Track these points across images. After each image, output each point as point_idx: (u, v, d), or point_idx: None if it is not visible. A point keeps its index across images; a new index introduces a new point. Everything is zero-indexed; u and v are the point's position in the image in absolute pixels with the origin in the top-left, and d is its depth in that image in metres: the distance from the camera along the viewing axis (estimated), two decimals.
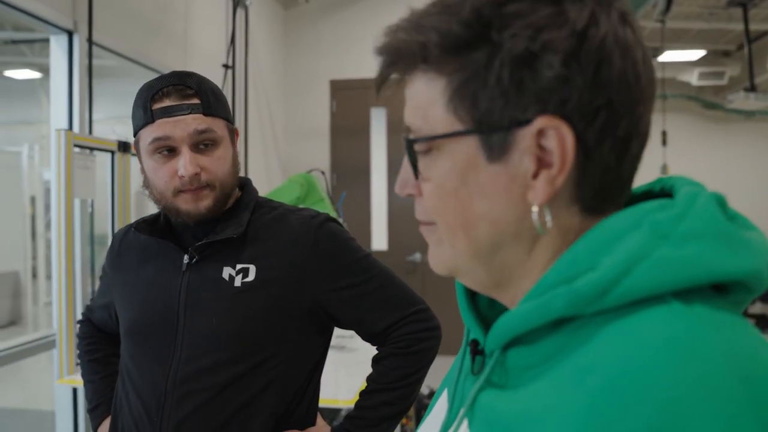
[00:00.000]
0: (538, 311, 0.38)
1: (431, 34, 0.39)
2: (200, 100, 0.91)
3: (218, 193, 0.94)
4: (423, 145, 0.41)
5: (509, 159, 0.39)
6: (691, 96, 8.01)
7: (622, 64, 0.38)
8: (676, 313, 0.34)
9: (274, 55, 4.44)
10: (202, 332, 0.93)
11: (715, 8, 5.45)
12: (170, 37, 3.03)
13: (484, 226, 0.41)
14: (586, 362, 0.35)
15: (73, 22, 2.27)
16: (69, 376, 1.99)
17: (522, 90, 0.37)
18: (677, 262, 0.35)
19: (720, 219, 0.38)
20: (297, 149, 4.61)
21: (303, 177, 2.40)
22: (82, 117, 2.29)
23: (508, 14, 0.38)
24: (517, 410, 0.39)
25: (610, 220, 0.39)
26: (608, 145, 0.38)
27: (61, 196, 1.91)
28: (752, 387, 0.31)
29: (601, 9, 0.38)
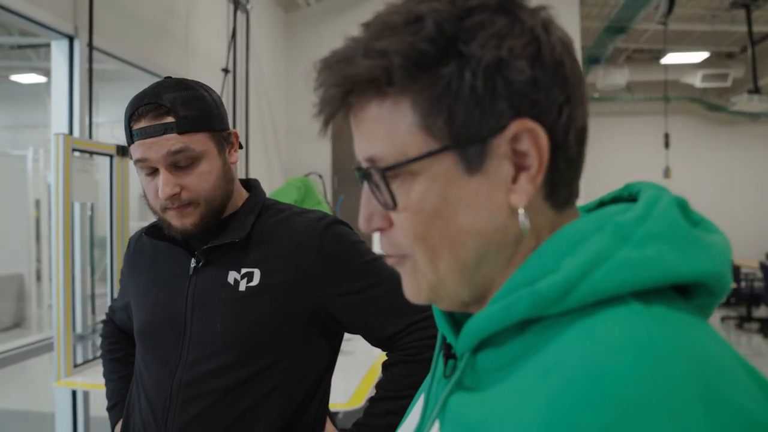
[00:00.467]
0: (502, 313, 0.39)
1: (393, 56, 0.38)
2: (175, 118, 0.89)
3: (203, 209, 0.93)
4: (394, 172, 0.40)
5: (488, 168, 0.39)
6: (694, 98, 7.98)
7: (571, 63, 0.41)
8: (635, 314, 0.35)
9: (276, 58, 4.46)
10: (207, 336, 0.93)
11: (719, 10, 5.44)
12: (171, 41, 3.05)
13: (471, 240, 0.41)
14: (547, 362, 0.36)
15: (74, 27, 2.29)
16: (67, 378, 2.00)
17: (495, 97, 0.38)
18: (637, 264, 0.36)
19: (679, 222, 0.38)
20: (298, 152, 4.63)
21: (300, 180, 2.41)
22: (82, 121, 2.31)
23: (471, 27, 0.38)
24: (483, 412, 0.39)
25: (575, 224, 0.40)
26: (572, 138, 0.41)
27: (60, 199, 1.92)
28: (704, 384, 0.31)
29: (545, 16, 0.41)
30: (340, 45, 0.42)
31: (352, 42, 0.40)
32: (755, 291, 6.40)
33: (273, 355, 0.93)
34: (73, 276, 2.09)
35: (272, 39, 4.39)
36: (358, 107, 0.41)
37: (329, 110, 0.41)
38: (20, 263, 5.26)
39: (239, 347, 0.92)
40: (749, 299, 6.56)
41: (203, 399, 0.91)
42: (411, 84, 0.39)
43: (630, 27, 5.25)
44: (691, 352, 0.33)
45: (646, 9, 4.83)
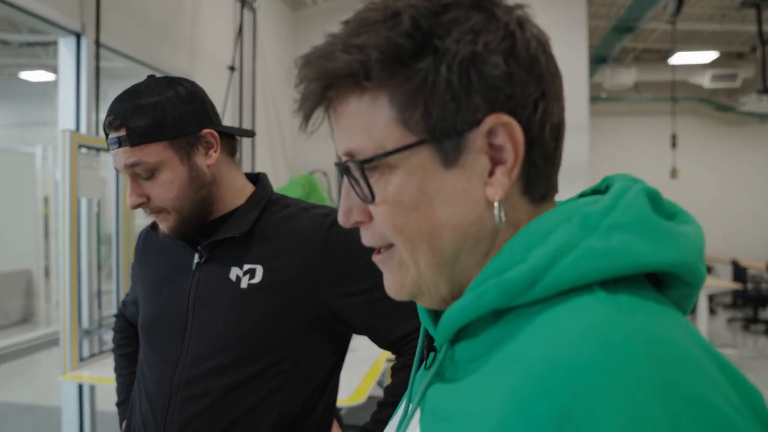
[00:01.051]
0: (473, 303, 0.39)
1: (371, 50, 0.39)
2: (126, 131, 0.87)
3: (175, 214, 0.91)
4: (372, 165, 0.41)
5: (464, 162, 0.40)
6: (703, 98, 7.92)
7: (546, 60, 0.41)
8: (599, 302, 0.35)
9: (282, 57, 4.48)
10: (208, 334, 0.91)
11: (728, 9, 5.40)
12: (178, 40, 3.07)
13: (448, 233, 0.41)
14: (513, 352, 0.37)
15: (81, 25, 2.31)
16: (73, 372, 2.02)
17: (470, 91, 0.39)
18: (602, 253, 0.36)
19: (646, 212, 0.38)
20: (304, 149, 4.64)
21: (305, 178, 2.42)
22: (89, 118, 2.34)
23: (446, 22, 0.39)
24: (454, 401, 0.40)
25: (545, 216, 0.41)
26: (548, 133, 0.41)
27: (66, 195, 1.94)
28: (661, 371, 0.31)
29: (520, 13, 0.42)
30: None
31: (332, 38, 0.42)
32: (762, 292, 6.35)
33: (275, 355, 0.90)
34: (80, 271, 2.12)
35: (278, 37, 4.40)
36: (337, 102, 0.42)
37: (309, 105, 0.42)
38: (29, 259, 5.31)
39: (240, 346, 0.89)
40: (756, 301, 6.52)
41: (203, 398, 0.89)
42: (388, 78, 0.39)
43: (638, 27, 5.22)
44: (651, 340, 0.33)
45: (654, 9, 4.80)
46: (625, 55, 7.23)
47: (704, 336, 0.37)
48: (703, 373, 0.32)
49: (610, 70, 6.68)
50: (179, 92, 0.91)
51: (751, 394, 0.34)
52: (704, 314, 4.66)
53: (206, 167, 0.93)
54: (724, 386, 0.33)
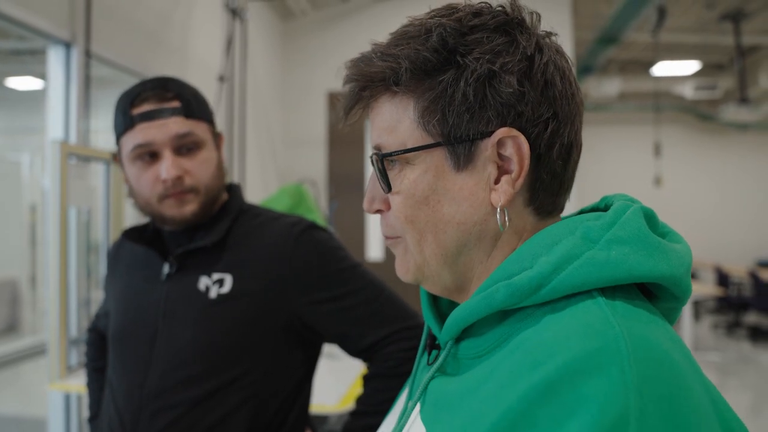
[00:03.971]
0: (482, 303, 0.43)
1: (402, 60, 0.45)
2: (181, 103, 0.90)
3: (203, 197, 0.92)
4: (392, 159, 0.47)
5: (474, 167, 0.45)
6: (685, 108, 8.05)
7: (562, 84, 0.45)
8: (597, 305, 0.40)
9: (272, 67, 4.50)
10: (177, 345, 0.90)
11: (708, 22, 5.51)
12: (168, 49, 3.08)
13: (452, 229, 0.46)
14: (518, 342, 0.41)
15: (71, 34, 2.32)
16: (61, 381, 2.01)
17: (485, 105, 0.44)
18: (602, 263, 0.41)
19: (642, 229, 0.43)
20: (294, 159, 4.66)
21: (294, 188, 2.44)
22: (78, 127, 2.34)
23: (470, 42, 0.44)
24: (456, 390, 0.44)
25: (551, 228, 0.45)
26: (556, 152, 0.45)
27: (55, 205, 1.95)
28: (642, 367, 0.35)
29: (543, 41, 0.46)
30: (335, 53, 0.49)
31: (375, 46, 0.47)
32: (744, 298, 6.45)
33: (244, 366, 0.90)
34: (68, 280, 2.11)
35: (269, 48, 4.43)
36: (372, 101, 0.48)
37: (348, 102, 0.48)
38: (15, 268, 5.25)
39: (209, 356, 0.89)
40: (738, 306, 6.61)
41: (172, 410, 0.88)
42: (414, 85, 0.45)
43: (622, 38, 5.32)
44: (639, 341, 0.37)
45: (638, 20, 4.90)
46: (609, 65, 7.35)
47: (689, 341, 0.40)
48: (680, 377, 0.36)
49: (595, 80, 6.79)
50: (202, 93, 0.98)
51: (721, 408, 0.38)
52: (689, 320, 4.73)
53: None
54: (698, 392, 0.36)
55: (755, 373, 4.98)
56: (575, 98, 0.46)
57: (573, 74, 0.47)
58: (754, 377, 4.87)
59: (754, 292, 5.98)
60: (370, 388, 0.95)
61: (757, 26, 5.42)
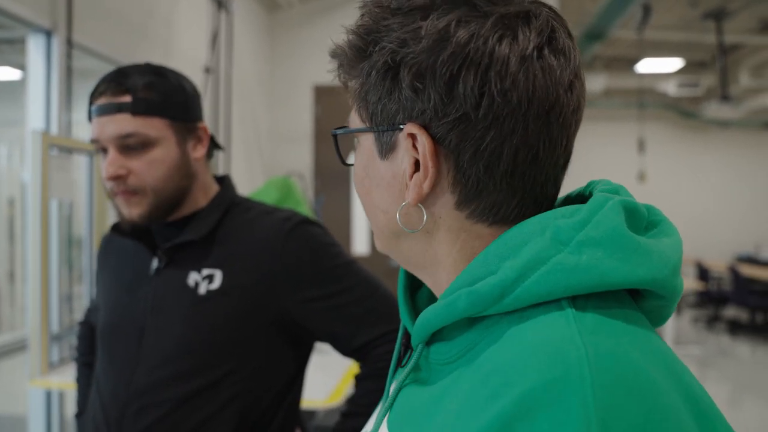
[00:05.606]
0: (445, 310, 0.40)
1: (346, 43, 0.44)
2: (131, 98, 0.84)
3: (151, 199, 0.87)
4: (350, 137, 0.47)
5: (395, 157, 0.43)
6: (668, 105, 8.16)
7: (481, 79, 0.38)
8: (565, 318, 0.35)
9: (258, 60, 4.45)
10: (165, 341, 0.88)
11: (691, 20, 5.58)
12: (153, 40, 3.02)
13: (381, 215, 0.45)
14: (480, 360, 0.38)
15: (52, 22, 2.26)
16: (42, 377, 1.97)
17: (391, 98, 0.41)
18: (571, 269, 0.36)
19: (619, 228, 0.38)
20: (280, 152, 4.62)
21: (281, 181, 2.42)
22: (60, 118, 2.28)
23: (383, 28, 0.41)
24: (424, 403, 0.41)
25: (521, 225, 0.40)
26: (469, 157, 0.39)
27: (36, 197, 1.90)
28: (608, 394, 0.31)
29: (466, 23, 0.38)
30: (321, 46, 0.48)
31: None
32: (723, 292, 6.58)
33: (233, 363, 0.88)
34: (49, 275, 2.07)
35: (255, 40, 4.38)
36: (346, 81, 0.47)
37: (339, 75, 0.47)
38: None
39: (197, 353, 0.87)
40: (718, 300, 6.74)
41: (159, 407, 0.86)
42: (351, 69, 0.44)
43: (607, 34, 5.36)
44: (603, 360, 0.33)
45: (623, 17, 4.94)
46: (595, 61, 7.41)
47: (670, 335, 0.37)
48: (654, 400, 0.32)
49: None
50: (187, 81, 0.93)
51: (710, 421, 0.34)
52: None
53: (193, 159, 0.92)
54: (679, 411, 0.32)
55: (734, 366, 5.08)
56: (510, 95, 0.38)
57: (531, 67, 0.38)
58: (733, 369, 4.98)
59: (733, 287, 6.10)
60: (361, 388, 0.93)
61: (738, 25, 5.50)
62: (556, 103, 0.40)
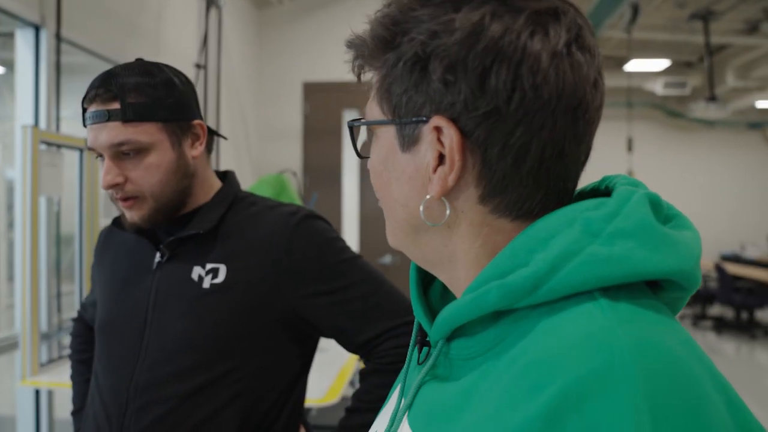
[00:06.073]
0: (473, 304, 0.40)
1: (368, 33, 0.44)
2: (120, 105, 0.83)
3: (152, 203, 0.87)
4: (364, 130, 0.47)
5: (417, 150, 0.42)
6: (656, 104, 8.25)
7: (514, 73, 0.38)
8: (600, 310, 0.36)
9: (247, 56, 4.42)
10: (168, 337, 0.87)
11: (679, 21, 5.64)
12: (143, 36, 2.99)
13: (400, 208, 0.45)
14: (514, 353, 0.37)
15: (40, 17, 2.22)
16: (32, 377, 1.94)
17: (418, 90, 0.41)
18: (604, 260, 0.36)
19: (649, 219, 0.38)
20: (269, 150, 4.59)
21: (275, 178, 2.40)
22: (49, 114, 2.25)
23: (412, 19, 0.41)
24: (453, 399, 0.41)
25: (546, 218, 0.40)
26: (498, 152, 0.39)
27: (27, 194, 1.87)
28: (655, 382, 0.32)
29: (500, 17, 0.39)
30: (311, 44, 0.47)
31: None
32: (709, 290, 6.67)
33: (236, 359, 0.86)
34: (39, 273, 2.03)
35: (244, 36, 4.34)
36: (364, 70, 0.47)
37: (354, 66, 0.46)
38: None
39: (201, 349, 0.86)
40: (704, 298, 6.84)
41: (160, 405, 0.85)
42: (373, 60, 0.44)
43: (596, 34, 5.40)
44: (649, 351, 0.33)
45: (612, 17, 4.98)
46: None
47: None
48: (696, 386, 0.33)
49: None
50: (179, 78, 0.90)
51: (739, 410, 0.34)
52: None
53: (191, 158, 0.91)
54: (715, 400, 0.33)
55: (720, 363, 5.15)
56: (541, 90, 0.38)
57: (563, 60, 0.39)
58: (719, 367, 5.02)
59: (719, 285, 6.19)
60: (367, 384, 0.93)
61: (724, 26, 5.57)
62: (583, 100, 0.41)
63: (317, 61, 4.49)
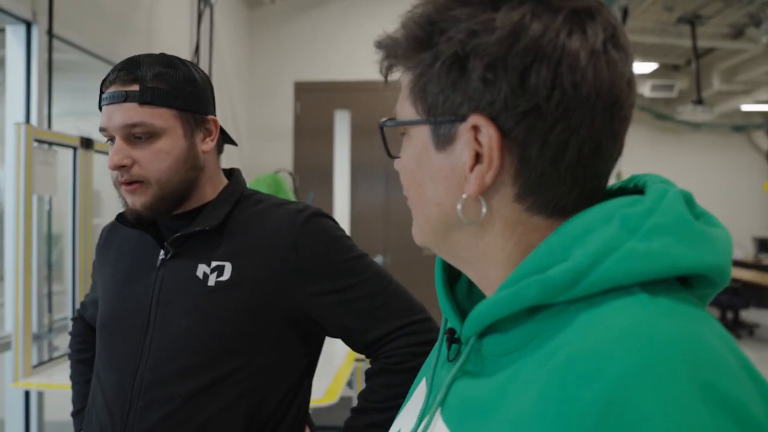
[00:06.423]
0: (511, 299, 0.40)
1: (401, 32, 0.44)
2: (139, 87, 0.84)
3: (156, 190, 0.86)
4: (397, 129, 0.47)
5: (453, 150, 0.43)
6: (644, 107, 8.35)
7: (554, 71, 0.39)
8: (641, 304, 0.36)
9: (239, 55, 4.39)
10: (172, 335, 0.86)
11: (666, 24, 5.71)
12: (135, 34, 2.96)
13: (433, 208, 0.45)
14: (553, 346, 0.38)
15: (32, 13, 2.19)
16: (25, 379, 1.91)
17: (456, 89, 0.41)
18: (644, 255, 0.37)
19: (685, 215, 0.39)
20: (260, 150, 4.57)
21: (271, 177, 2.39)
22: (40, 112, 2.21)
23: (450, 18, 0.41)
24: (490, 394, 0.41)
25: (582, 215, 0.41)
26: (537, 149, 0.40)
27: (20, 192, 1.84)
28: (701, 374, 0.32)
29: (539, 17, 0.39)
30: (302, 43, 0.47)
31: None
32: None
33: (242, 358, 0.86)
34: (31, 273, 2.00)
35: (235, 35, 4.32)
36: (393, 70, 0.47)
37: (383, 67, 0.47)
38: None
39: (206, 347, 0.85)
40: None
41: (165, 404, 0.84)
42: (407, 60, 0.44)
43: None
44: (691, 344, 0.34)
45: None
46: None
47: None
48: (737, 378, 0.34)
49: None
50: (199, 73, 0.92)
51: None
52: None
53: (202, 152, 0.91)
54: (752, 391, 0.34)
55: None
56: (580, 88, 0.39)
57: (600, 58, 0.39)
58: None
59: None
60: (374, 384, 0.92)
61: (710, 30, 5.65)
62: (619, 97, 0.41)
63: (309, 61, 4.48)
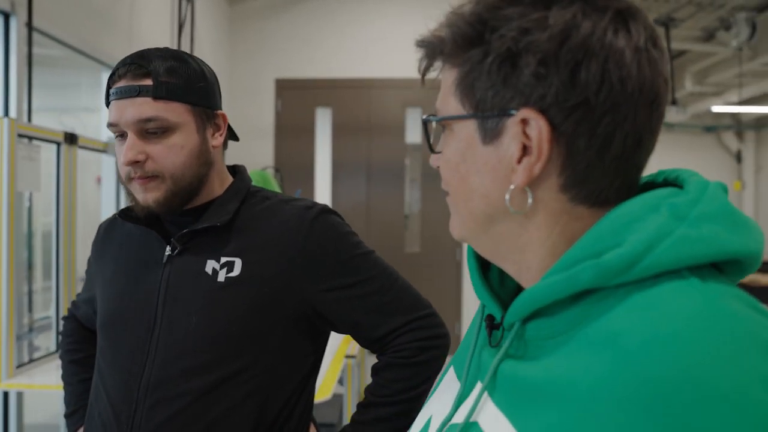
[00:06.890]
0: (564, 283, 0.42)
1: (447, 31, 0.45)
2: (153, 81, 0.83)
3: (170, 185, 0.86)
4: (439, 124, 0.48)
5: (500, 143, 0.44)
6: None
7: (602, 67, 0.41)
8: (694, 287, 0.39)
9: (219, 52, 4.35)
10: (180, 332, 0.85)
11: None
12: (115, 28, 2.90)
13: (478, 199, 0.46)
14: (611, 329, 0.39)
15: (10, 3, 2.13)
16: (9, 380, 1.86)
17: (507, 84, 0.43)
18: (695, 240, 0.40)
19: (728, 204, 0.43)
20: (241, 148, 4.51)
21: (258, 174, 2.38)
22: (20, 106, 2.16)
23: (501, 17, 0.43)
24: (543, 375, 0.42)
25: (628, 204, 0.43)
26: (585, 142, 0.42)
27: (4, 189, 1.79)
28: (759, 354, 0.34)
29: (588, 16, 0.42)
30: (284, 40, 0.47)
31: (447, 13, 0.47)
32: None
33: (251, 356, 0.86)
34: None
35: (216, 30, 4.27)
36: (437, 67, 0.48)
37: (422, 65, 0.48)
38: None
39: (215, 345, 0.85)
40: None
41: (173, 403, 0.83)
42: (453, 57, 0.46)
43: None
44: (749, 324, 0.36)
45: None
46: None
47: None
48: None
49: None
50: (206, 68, 0.92)
51: None
52: None
53: (212, 147, 0.91)
54: None
55: None
56: (626, 83, 0.41)
57: (643, 55, 0.42)
58: None
59: None
60: (382, 378, 0.93)
61: (683, 33, 5.80)
62: (658, 94, 0.44)
63: (290, 58, 4.45)
